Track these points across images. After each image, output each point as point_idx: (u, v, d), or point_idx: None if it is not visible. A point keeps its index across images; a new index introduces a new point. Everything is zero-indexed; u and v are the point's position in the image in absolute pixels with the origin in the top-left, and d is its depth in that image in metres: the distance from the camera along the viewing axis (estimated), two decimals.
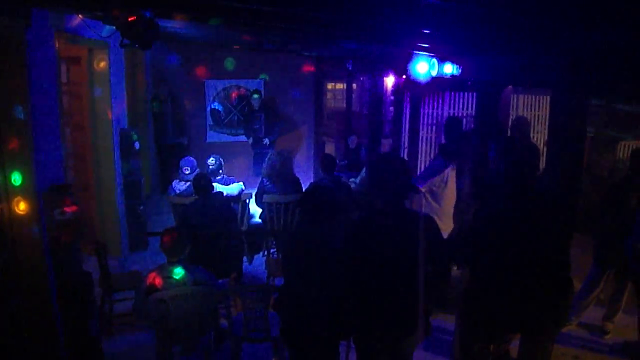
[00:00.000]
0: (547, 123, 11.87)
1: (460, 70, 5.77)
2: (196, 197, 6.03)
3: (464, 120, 10.24)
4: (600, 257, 5.58)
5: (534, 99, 12.36)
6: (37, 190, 4.07)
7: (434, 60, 5.78)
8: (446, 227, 5.53)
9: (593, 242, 5.69)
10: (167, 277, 4.42)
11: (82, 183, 6.84)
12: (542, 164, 7.49)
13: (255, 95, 10.28)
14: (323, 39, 6.45)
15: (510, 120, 8.64)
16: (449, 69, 5.80)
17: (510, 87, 9.47)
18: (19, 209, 4.00)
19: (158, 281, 4.38)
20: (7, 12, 3.66)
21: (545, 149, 7.32)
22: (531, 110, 12.36)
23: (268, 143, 10.22)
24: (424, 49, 5.67)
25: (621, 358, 5.41)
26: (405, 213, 3.63)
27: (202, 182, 5.95)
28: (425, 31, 4.64)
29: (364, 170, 7.64)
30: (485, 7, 3.48)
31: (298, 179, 7.20)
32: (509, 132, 8.08)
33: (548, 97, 11.31)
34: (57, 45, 4.91)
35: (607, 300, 5.87)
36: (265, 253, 7.32)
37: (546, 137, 7.53)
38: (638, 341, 5.30)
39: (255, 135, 10.36)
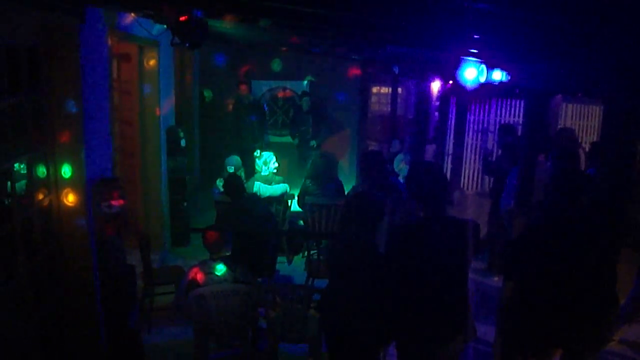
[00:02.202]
0: (596, 133, 11.61)
1: (509, 77, 5.68)
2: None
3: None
4: None
5: (583, 109, 12.07)
6: (86, 183, 4.17)
7: (483, 66, 5.69)
8: None
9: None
10: (209, 273, 4.47)
11: (128, 177, 6.97)
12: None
13: (306, 98, 10.30)
14: (370, 42, 6.43)
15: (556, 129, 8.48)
16: (498, 75, 5.71)
17: (559, 95, 9.29)
18: (67, 201, 4.12)
19: (200, 277, 4.43)
20: (61, 10, 3.76)
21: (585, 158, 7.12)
22: (580, 120, 12.08)
23: (315, 145, 10.21)
24: (473, 55, 5.60)
25: None
26: (448, 220, 3.61)
27: (230, 183, 5.99)
28: (474, 36, 4.59)
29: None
30: (535, 13, 3.42)
31: (341, 182, 7.19)
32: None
33: (598, 107, 11.06)
34: (109, 43, 5.01)
35: None
36: (306, 254, 7.32)
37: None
38: None
39: (302, 137, 10.37)
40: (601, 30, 3.52)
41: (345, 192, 6.97)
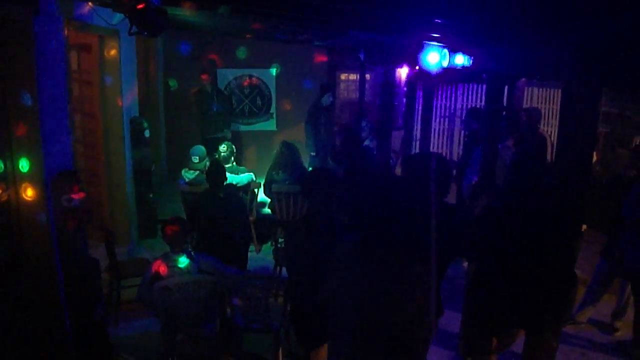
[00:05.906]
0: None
1: (471, 61, 5.70)
2: (206, 186, 5.98)
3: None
4: (605, 251, 5.49)
5: (548, 92, 12.24)
6: (45, 177, 4.10)
7: (445, 50, 5.71)
8: None
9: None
10: (172, 265, 4.44)
11: (92, 170, 6.87)
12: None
13: (328, 93, 9.91)
14: (333, 28, 6.40)
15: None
16: (460, 59, 5.72)
17: (523, 79, 9.39)
18: (26, 195, 4.04)
19: (163, 269, 4.40)
20: (14, 0, 3.67)
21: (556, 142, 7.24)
22: (545, 104, 12.24)
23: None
24: (435, 39, 5.61)
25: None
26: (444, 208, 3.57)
27: (214, 171, 5.83)
28: (436, 21, 4.59)
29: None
30: None
31: (306, 169, 7.18)
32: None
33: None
34: (66, 33, 4.89)
35: (616, 297, 5.80)
36: (273, 243, 7.32)
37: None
38: (632, 339, 5.22)
39: (318, 133, 9.94)
40: (562, 14, 3.55)
41: None
